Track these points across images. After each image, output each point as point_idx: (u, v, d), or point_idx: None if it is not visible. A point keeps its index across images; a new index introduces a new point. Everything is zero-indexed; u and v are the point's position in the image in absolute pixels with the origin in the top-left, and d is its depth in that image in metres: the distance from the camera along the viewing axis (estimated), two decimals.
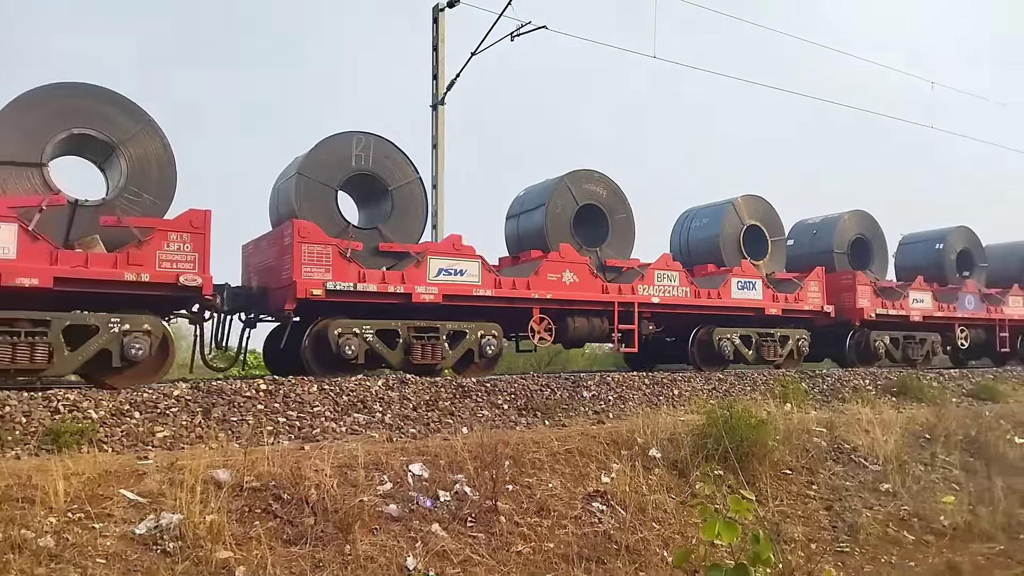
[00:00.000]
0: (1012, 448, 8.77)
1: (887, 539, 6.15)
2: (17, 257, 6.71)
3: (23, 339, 6.60)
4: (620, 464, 6.53)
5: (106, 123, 7.66)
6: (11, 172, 7.21)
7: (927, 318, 14.15)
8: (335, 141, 9.25)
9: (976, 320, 15.15)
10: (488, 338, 9.29)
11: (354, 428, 6.76)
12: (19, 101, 7.35)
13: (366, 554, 4.67)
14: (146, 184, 7.77)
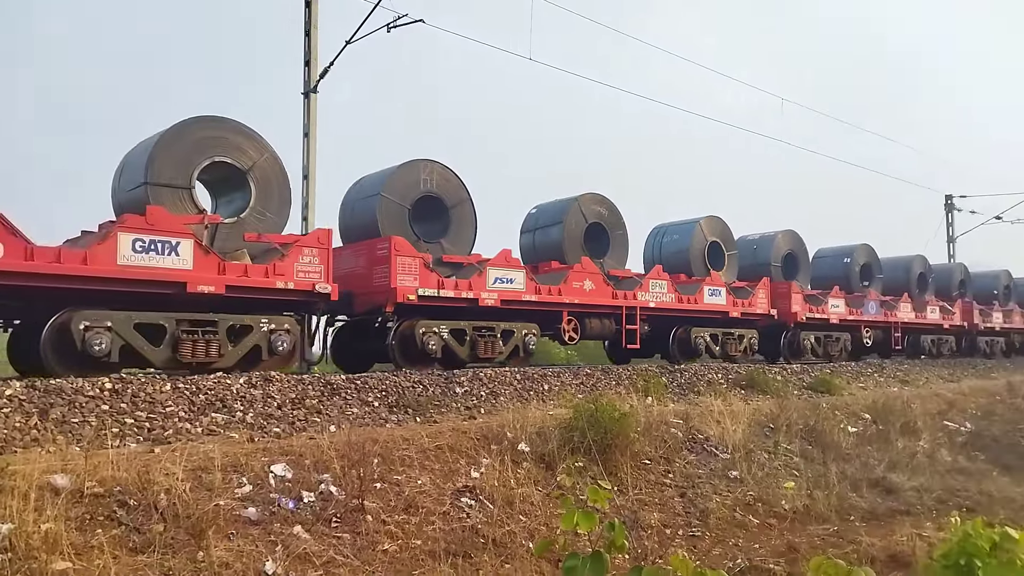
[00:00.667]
0: (845, 436, 9.61)
1: (734, 523, 6.58)
2: (194, 268, 7.89)
3: (201, 337, 7.88)
4: (490, 459, 6.59)
5: (238, 152, 9.00)
6: (167, 193, 8.36)
7: (842, 320, 16.82)
8: (408, 167, 11.02)
9: (877, 322, 17.96)
10: (530, 336, 11.02)
11: (211, 428, 6.42)
12: (170, 132, 8.56)
13: (221, 560, 4.45)
14: (269, 204, 9.19)
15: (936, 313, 19.92)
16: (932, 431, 10.68)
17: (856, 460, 8.71)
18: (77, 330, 7.18)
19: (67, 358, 7.28)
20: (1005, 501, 7.37)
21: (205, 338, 7.91)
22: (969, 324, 21.17)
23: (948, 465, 9.11)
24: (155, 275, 7.61)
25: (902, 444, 9.57)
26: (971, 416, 12.58)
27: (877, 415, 10.71)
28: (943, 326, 20.24)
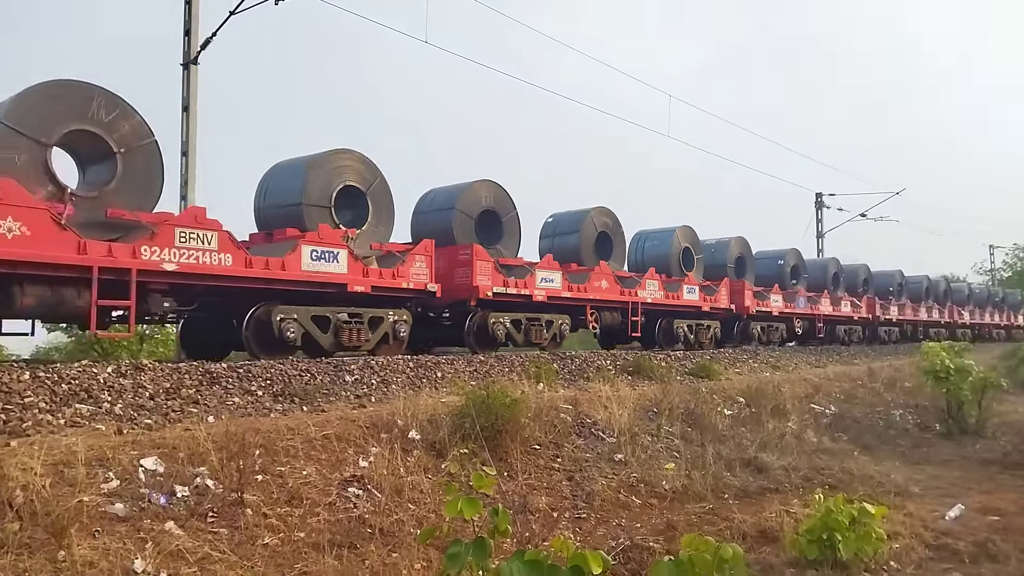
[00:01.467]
0: (721, 419, 10.11)
1: (618, 504, 6.78)
2: (348, 272, 10.05)
3: (354, 326, 10.09)
4: (379, 447, 6.49)
5: (361, 177, 11.06)
6: (317, 212, 10.42)
7: (780, 313, 20.47)
8: (475, 186, 13.43)
9: (805, 314, 21.77)
10: (564, 325, 13.55)
11: (75, 420, 5.98)
12: (316, 162, 10.69)
13: (84, 559, 4.16)
14: (381, 219, 11.24)
15: (848, 307, 24.17)
16: (800, 413, 11.41)
17: (731, 441, 9.18)
18: (275, 321, 9.28)
19: (264, 343, 9.40)
20: (864, 479, 7.93)
21: (357, 327, 10.07)
22: (872, 316, 25.27)
23: (814, 445, 9.75)
24: (326, 278, 9.79)
25: (772, 426, 10.16)
26: (835, 399, 13.54)
27: (750, 399, 11.33)
28: (853, 317, 24.37)
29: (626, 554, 5.38)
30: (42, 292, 7.50)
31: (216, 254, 8.69)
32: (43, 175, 7.97)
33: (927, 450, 10.53)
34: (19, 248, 7.15)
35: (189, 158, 12.35)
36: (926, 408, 13.07)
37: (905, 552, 5.58)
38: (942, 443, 11.07)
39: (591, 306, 14.12)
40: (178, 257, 8.35)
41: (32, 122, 7.88)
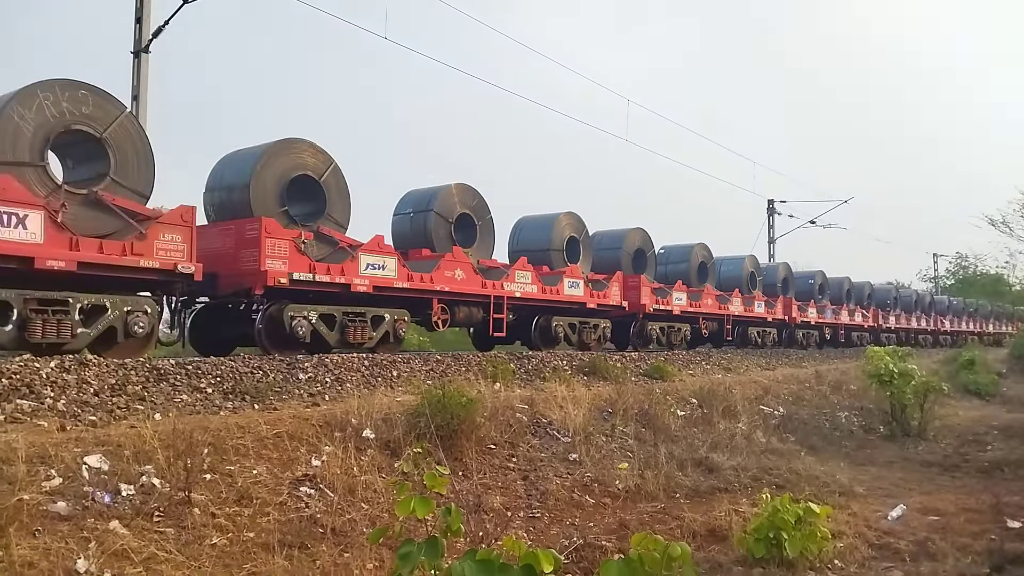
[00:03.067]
0: (674, 419, 10.25)
1: (572, 503, 6.82)
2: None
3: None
4: (332, 447, 6.42)
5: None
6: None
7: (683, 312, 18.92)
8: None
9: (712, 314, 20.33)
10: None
11: (16, 416, 5.77)
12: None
13: (24, 559, 4.02)
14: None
15: (762, 308, 22.64)
16: (750, 415, 11.63)
17: (683, 441, 9.32)
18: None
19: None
20: (810, 479, 8.11)
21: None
22: (789, 318, 24.16)
23: (763, 446, 9.95)
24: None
25: (723, 426, 10.35)
26: (783, 401, 13.84)
27: (703, 399, 11.51)
28: (767, 319, 22.87)
29: (579, 553, 5.42)
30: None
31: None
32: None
33: (871, 451, 10.85)
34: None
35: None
36: (871, 411, 13.46)
37: (849, 551, 5.74)
38: (885, 445, 11.41)
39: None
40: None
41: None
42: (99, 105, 8.34)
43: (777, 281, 24.80)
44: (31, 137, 7.73)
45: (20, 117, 7.61)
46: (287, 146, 10.60)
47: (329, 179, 10.87)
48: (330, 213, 10.85)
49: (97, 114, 8.29)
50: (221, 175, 10.78)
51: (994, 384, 19.09)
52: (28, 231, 7.19)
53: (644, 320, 17.26)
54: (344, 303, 10.45)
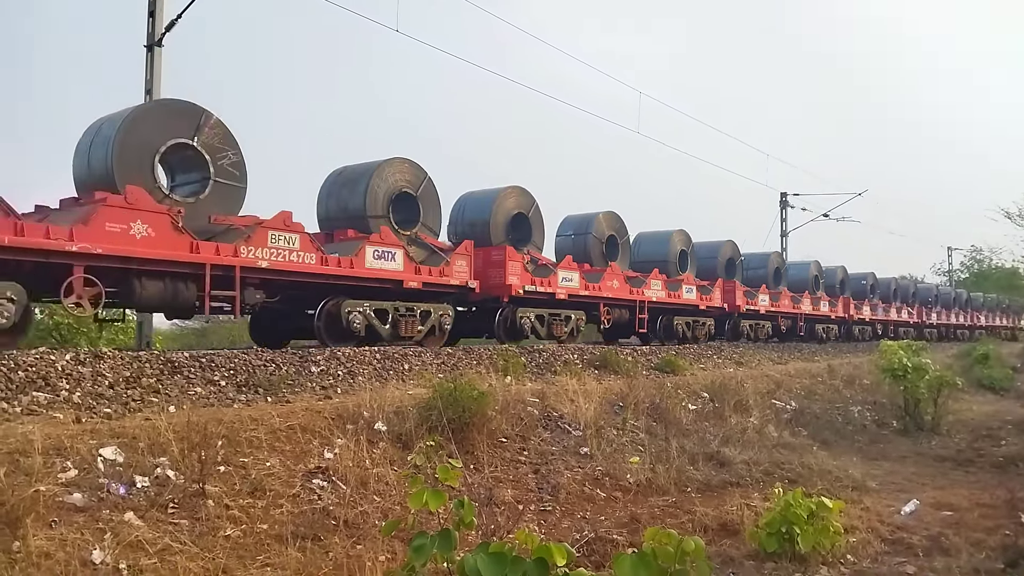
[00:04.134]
0: (685, 413, 10.24)
1: (583, 497, 6.83)
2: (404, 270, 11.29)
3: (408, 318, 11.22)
4: (345, 439, 6.45)
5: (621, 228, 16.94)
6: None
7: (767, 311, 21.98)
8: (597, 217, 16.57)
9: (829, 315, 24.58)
10: (580, 321, 14.91)
11: (32, 408, 5.84)
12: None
13: (41, 550, 4.07)
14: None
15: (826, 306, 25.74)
16: (762, 409, 11.59)
17: (694, 435, 9.30)
18: (344, 313, 10.14)
19: (334, 332, 10.23)
20: (822, 473, 8.08)
21: (411, 319, 11.08)
22: (848, 316, 26.78)
23: (774, 440, 9.92)
24: (384, 275, 10.87)
25: (735, 420, 10.32)
26: (795, 395, 13.79)
27: (714, 394, 11.49)
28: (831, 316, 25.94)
29: (590, 546, 5.42)
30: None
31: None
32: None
33: (884, 446, 10.79)
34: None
35: None
36: (883, 405, 13.38)
37: (861, 546, 5.71)
38: (899, 439, 11.34)
39: (604, 304, 15.33)
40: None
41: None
42: (413, 172, 12.24)
43: (836, 282, 27.73)
44: (383, 198, 11.77)
45: (376, 186, 11.69)
46: (510, 192, 14.58)
47: (534, 216, 14.92)
48: (534, 241, 14.93)
49: (413, 180, 12.20)
50: (462, 212, 14.72)
51: (1008, 379, 18.94)
52: (396, 263, 11.09)
53: (738, 318, 20.89)
54: (546, 307, 14.10)
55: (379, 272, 10.97)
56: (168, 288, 8.57)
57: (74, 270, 7.73)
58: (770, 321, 22.42)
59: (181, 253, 8.58)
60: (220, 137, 9.66)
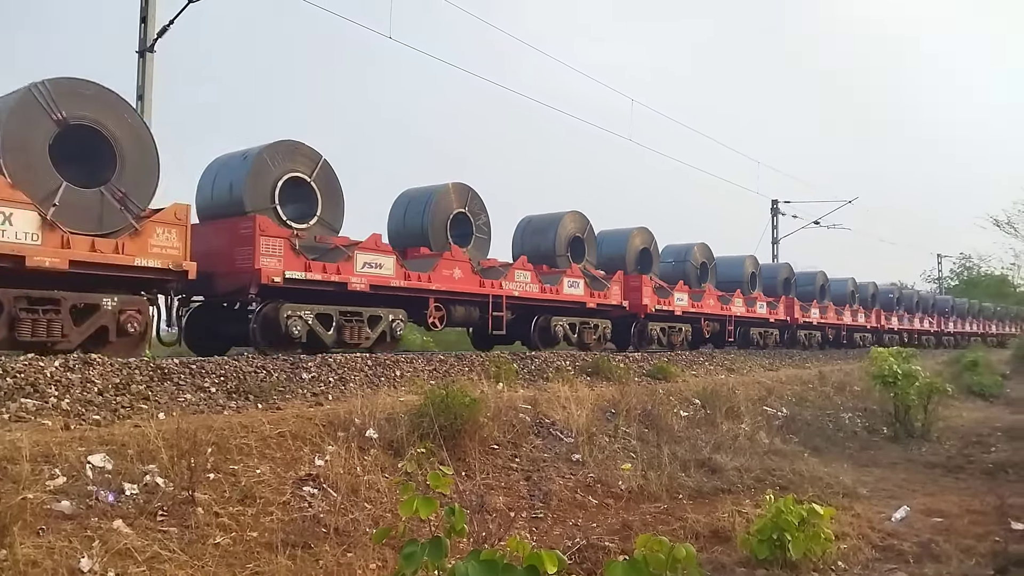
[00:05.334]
0: (677, 420, 10.25)
1: (575, 504, 6.82)
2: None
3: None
4: (336, 446, 6.42)
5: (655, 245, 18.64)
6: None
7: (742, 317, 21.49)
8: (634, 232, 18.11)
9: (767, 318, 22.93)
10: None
11: (20, 415, 5.79)
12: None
13: (28, 558, 4.03)
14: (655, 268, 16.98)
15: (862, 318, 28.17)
16: (753, 415, 11.61)
17: (686, 442, 9.30)
18: (552, 325, 12.66)
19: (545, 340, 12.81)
20: (813, 480, 8.09)
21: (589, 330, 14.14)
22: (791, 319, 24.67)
23: (766, 447, 9.93)
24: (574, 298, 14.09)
25: (726, 427, 10.33)
26: (787, 402, 13.82)
27: (706, 400, 11.50)
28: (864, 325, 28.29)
29: (582, 554, 5.41)
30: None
31: None
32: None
33: (874, 453, 10.82)
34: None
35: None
36: (874, 412, 13.43)
37: (852, 552, 5.72)
38: (889, 446, 11.38)
39: (436, 299, 12.20)
40: None
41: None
42: (581, 221, 15.76)
43: (868, 296, 29.55)
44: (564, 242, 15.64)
45: (560, 233, 15.70)
46: (637, 232, 17.79)
47: (653, 250, 17.93)
48: (653, 269, 17.75)
49: (582, 226, 15.55)
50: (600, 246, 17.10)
51: (998, 385, 19.05)
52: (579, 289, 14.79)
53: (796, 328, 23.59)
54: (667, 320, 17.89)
55: (571, 296, 14.95)
56: (469, 311, 12.92)
57: (430, 301, 12.10)
58: (819, 331, 25.69)
59: (475, 287, 12.88)
60: (479, 204, 13.98)
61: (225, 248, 9.78)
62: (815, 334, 26.08)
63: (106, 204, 8.22)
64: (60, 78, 7.98)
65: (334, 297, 10.54)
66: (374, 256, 11.03)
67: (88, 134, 8.20)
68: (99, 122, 8.28)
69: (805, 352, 23.52)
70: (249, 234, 9.60)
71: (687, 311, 18.68)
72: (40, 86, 7.78)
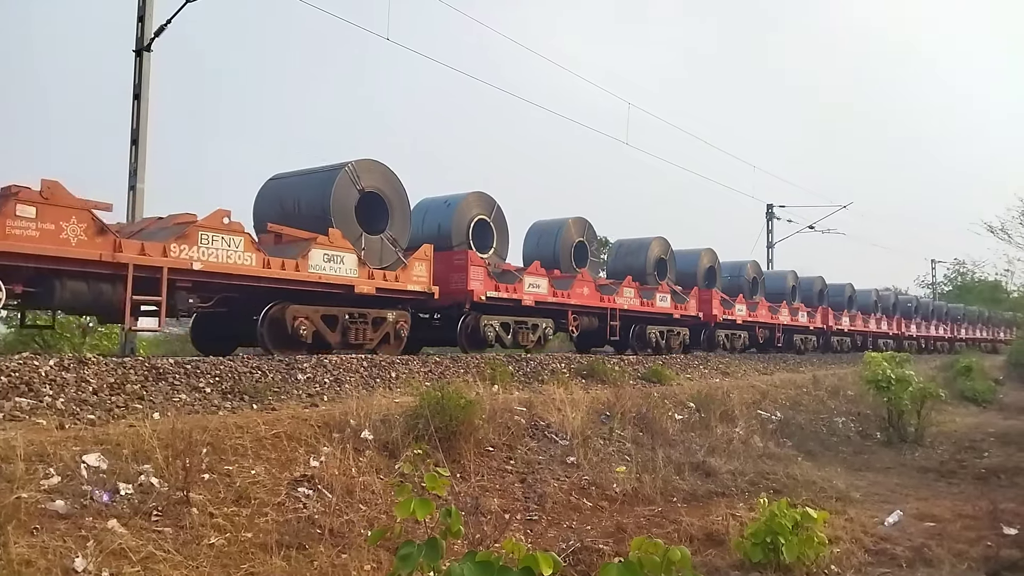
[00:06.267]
0: (672, 423, 10.26)
1: (569, 506, 6.83)
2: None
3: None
4: (331, 447, 6.42)
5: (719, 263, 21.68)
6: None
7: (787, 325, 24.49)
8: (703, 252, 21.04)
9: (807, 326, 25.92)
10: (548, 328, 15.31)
11: (15, 414, 5.77)
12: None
13: (22, 557, 4.03)
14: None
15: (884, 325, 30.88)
16: (747, 419, 11.65)
17: (680, 445, 9.33)
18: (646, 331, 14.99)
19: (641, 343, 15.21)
20: (807, 484, 8.13)
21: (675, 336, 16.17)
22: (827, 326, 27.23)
23: (760, 451, 9.97)
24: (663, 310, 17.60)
25: (721, 431, 10.36)
26: (781, 406, 13.86)
27: (700, 404, 11.52)
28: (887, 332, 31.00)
29: (576, 556, 5.42)
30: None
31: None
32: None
33: (868, 457, 10.86)
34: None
35: (139, 147, 12.04)
36: (868, 416, 13.48)
37: (845, 556, 5.75)
38: (882, 451, 11.43)
39: (572, 311, 15.39)
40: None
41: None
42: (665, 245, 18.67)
43: (889, 304, 31.38)
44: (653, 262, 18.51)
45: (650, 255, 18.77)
46: (705, 252, 20.74)
47: (670, 258, 19.56)
48: (669, 276, 19.28)
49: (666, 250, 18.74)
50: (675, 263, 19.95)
51: (991, 391, 19.13)
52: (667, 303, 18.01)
53: (829, 335, 26.25)
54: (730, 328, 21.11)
55: (661, 308, 18.30)
56: (591, 320, 16.03)
57: (569, 313, 15.14)
58: (849, 337, 28.83)
59: (597, 302, 16.01)
60: (592, 234, 17.26)
61: (442, 274, 12.67)
62: (846, 340, 29.42)
63: (385, 247, 11.60)
64: (361, 160, 11.46)
65: (509, 310, 13.82)
66: (535, 278, 14.31)
67: (375, 198, 11.59)
68: (380, 189, 11.63)
69: (800, 357, 23.62)
70: (463, 264, 12.91)
71: (745, 320, 21.98)
72: (349, 166, 11.18)
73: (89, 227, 7.90)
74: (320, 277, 10.13)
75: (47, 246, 7.55)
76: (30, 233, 7.45)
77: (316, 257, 10.10)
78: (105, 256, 8.00)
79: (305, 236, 10.27)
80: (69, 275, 7.90)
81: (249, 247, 9.37)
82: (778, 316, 23.68)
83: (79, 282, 8.01)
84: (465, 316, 12.98)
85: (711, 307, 20.18)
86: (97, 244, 7.95)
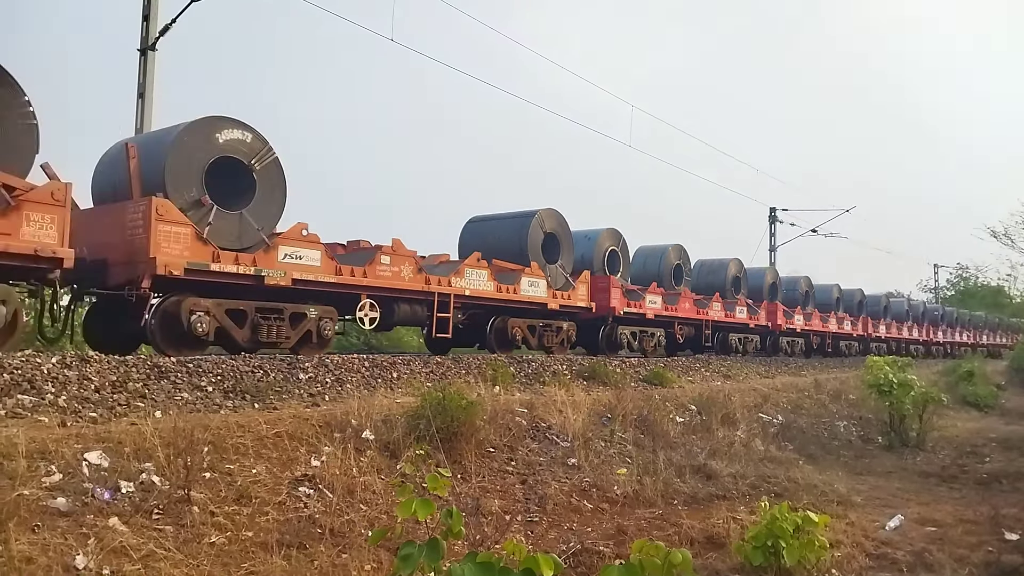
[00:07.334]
0: (673, 426, 10.26)
1: (570, 508, 6.83)
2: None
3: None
4: (332, 447, 6.42)
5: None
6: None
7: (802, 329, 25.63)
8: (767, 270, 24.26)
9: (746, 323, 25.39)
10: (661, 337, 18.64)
11: (17, 411, 5.78)
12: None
13: (23, 554, 4.03)
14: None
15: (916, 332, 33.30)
16: (748, 422, 11.63)
17: (682, 448, 9.32)
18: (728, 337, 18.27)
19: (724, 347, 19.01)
20: (808, 487, 8.11)
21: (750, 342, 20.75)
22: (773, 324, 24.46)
23: (761, 454, 9.95)
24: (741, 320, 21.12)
25: (722, 434, 10.35)
26: (782, 409, 13.85)
27: (702, 407, 11.52)
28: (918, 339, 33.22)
29: (577, 558, 5.42)
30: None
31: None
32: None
33: (869, 461, 10.85)
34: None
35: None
36: (869, 420, 13.46)
37: (846, 560, 5.74)
38: (884, 455, 11.41)
39: (679, 323, 18.63)
40: None
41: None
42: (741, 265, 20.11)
43: (854, 303, 30.70)
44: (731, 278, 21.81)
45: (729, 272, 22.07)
46: (734, 261, 22.35)
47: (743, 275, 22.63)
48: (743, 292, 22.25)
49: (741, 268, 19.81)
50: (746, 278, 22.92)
51: (993, 396, 19.09)
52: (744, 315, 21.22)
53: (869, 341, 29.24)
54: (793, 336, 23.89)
55: (740, 319, 21.38)
56: (690, 330, 18.81)
57: (676, 324, 18.44)
58: (885, 344, 30.80)
59: (695, 314, 19.22)
60: (686, 257, 20.10)
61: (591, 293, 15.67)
62: (883, 346, 31.07)
63: (559, 273, 15.12)
64: (544, 208, 14.76)
65: (635, 321, 17.12)
66: (652, 296, 17.59)
67: (552, 237, 15.00)
68: (556, 230, 15.05)
69: (802, 360, 23.65)
70: (606, 286, 16.06)
71: (802, 328, 24.98)
72: (538, 215, 14.54)
73: (414, 268, 11.61)
74: (528, 297, 13.77)
75: (395, 282, 11.29)
76: (385, 273, 11.15)
77: (524, 283, 13.69)
78: (423, 287, 11.75)
79: (514, 268, 13.76)
80: (404, 299, 11.56)
81: (491, 278, 13.06)
82: (828, 325, 26.95)
83: (406, 304, 11.63)
84: (605, 326, 16.24)
85: (776, 317, 23.39)
86: (418, 279, 11.70)
